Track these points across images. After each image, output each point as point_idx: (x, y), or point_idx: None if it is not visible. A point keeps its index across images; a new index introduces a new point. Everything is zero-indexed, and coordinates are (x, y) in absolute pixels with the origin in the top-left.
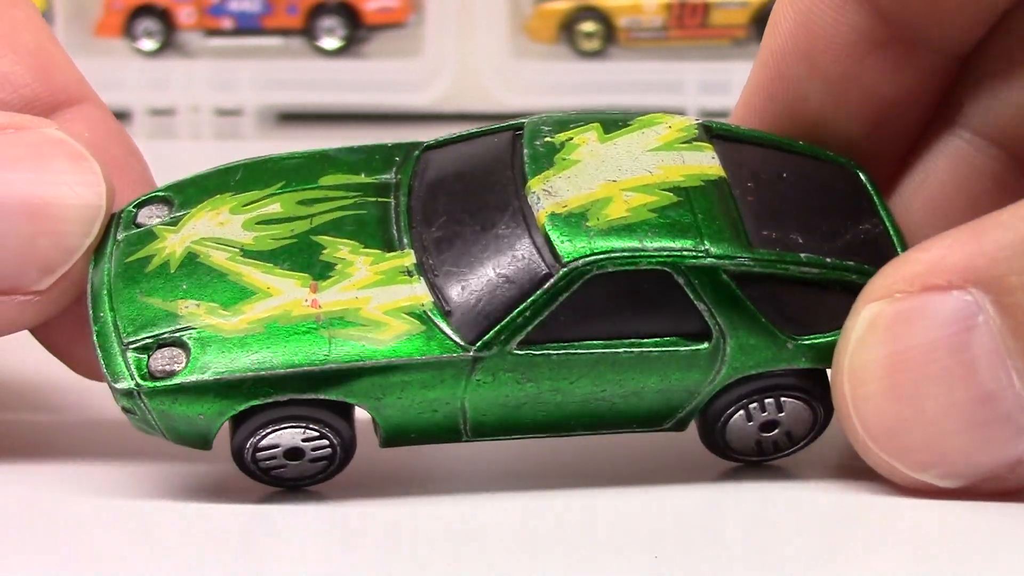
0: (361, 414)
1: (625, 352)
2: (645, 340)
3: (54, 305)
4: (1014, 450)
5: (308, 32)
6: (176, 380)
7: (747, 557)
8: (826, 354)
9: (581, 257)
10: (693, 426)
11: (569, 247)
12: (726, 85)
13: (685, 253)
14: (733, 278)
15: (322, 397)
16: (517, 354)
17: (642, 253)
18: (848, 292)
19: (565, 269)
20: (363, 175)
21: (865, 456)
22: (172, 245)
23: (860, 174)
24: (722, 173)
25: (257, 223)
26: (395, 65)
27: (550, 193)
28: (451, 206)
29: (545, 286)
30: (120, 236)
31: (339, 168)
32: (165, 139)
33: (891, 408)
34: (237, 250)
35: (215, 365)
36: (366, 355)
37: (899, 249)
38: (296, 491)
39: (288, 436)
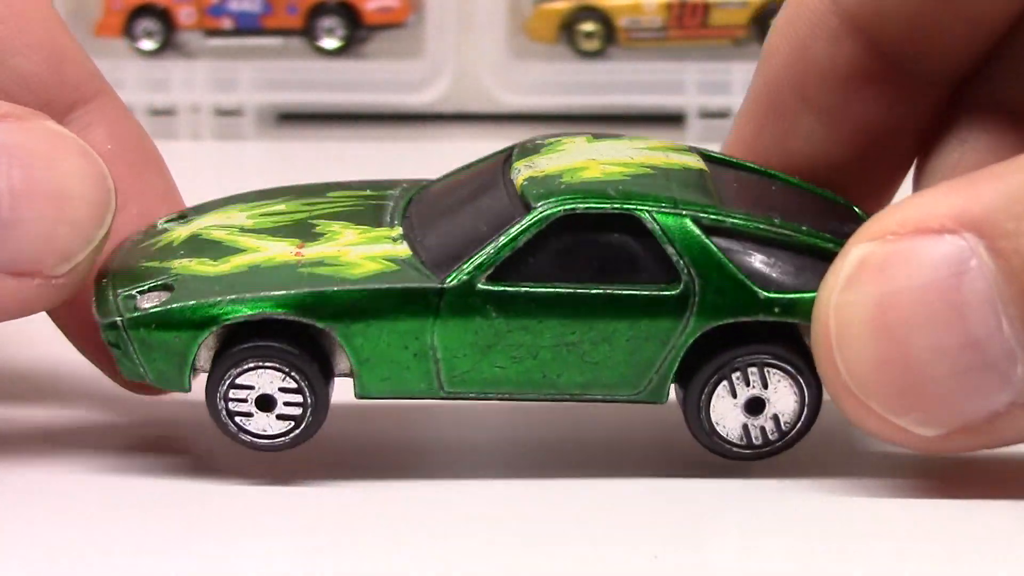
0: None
1: (593, 292)
2: (614, 283)
3: (68, 290)
4: (995, 400)
5: (308, 32)
6: (155, 308)
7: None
8: (800, 309)
9: (550, 199)
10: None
11: (540, 195)
12: (726, 85)
13: (654, 203)
14: (703, 228)
15: (292, 318)
16: (485, 288)
17: (612, 199)
18: (824, 259)
19: (535, 209)
20: (368, 191)
21: (840, 401)
22: (179, 232)
23: (856, 210)
24: (704, 167)
25: (261, 215)
26: (395, 65)
27: (531, 167)
28: (444, 205)
29: (513, 223)
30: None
31: (347, 187)
32: (165, 139)
33: (876, 349)
34: (236, 228)
35: (193, 294)
36: (336, 279)
37: None
38: (254, 456)
39: (267, 379)
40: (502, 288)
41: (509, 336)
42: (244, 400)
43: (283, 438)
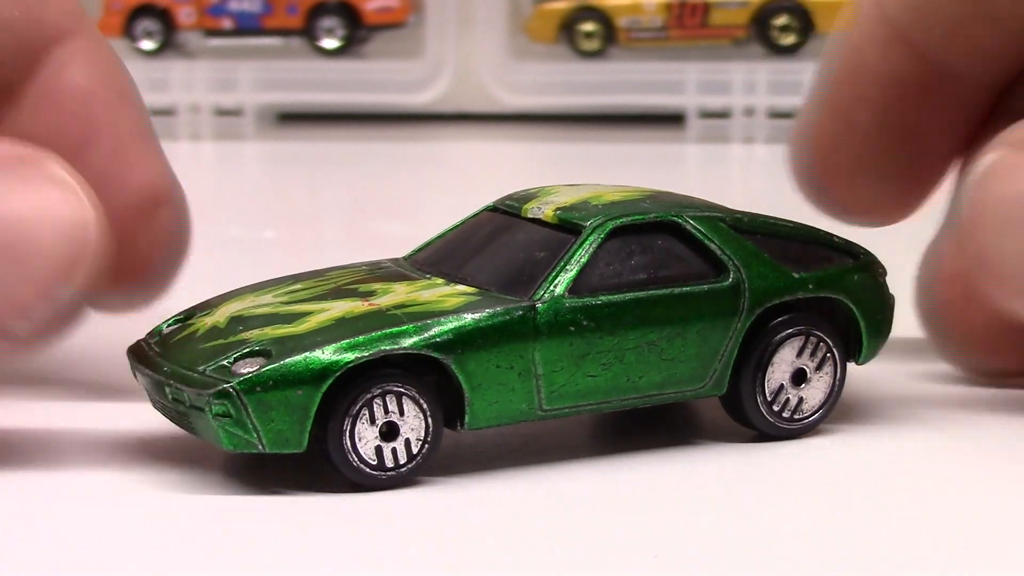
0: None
1: (664, 293)
2: (673, 282)
3: (31, 349)
4: None
5: (308, 32)
6: (267, 368)
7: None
8: (828, 283)
9: (597, 217)
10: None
11: (583, 216)
12: (726, 85)
13: (684, 209)
14: (728, 226)
15: (411, 352)
16: (572, 300)
17: (648, 210)
18: (830, 248)
19: (589, 224)
20: (362, 266)
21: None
22: (208, 320)
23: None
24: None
25: (286, 293)
26: (395, 65)
27: (548, 204)
28: (464, 256)
29: (575, 240)
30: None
31: (337, 268)
32: (165, 139)
33: (1013, 240)
34: (277, 303)
35: (299, 349)
36: (436, 312)
37: None
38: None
39: (411, 406)
40: (586, 300)
41: (599, 343)
42: (373, 421)
43: (380, 471)
